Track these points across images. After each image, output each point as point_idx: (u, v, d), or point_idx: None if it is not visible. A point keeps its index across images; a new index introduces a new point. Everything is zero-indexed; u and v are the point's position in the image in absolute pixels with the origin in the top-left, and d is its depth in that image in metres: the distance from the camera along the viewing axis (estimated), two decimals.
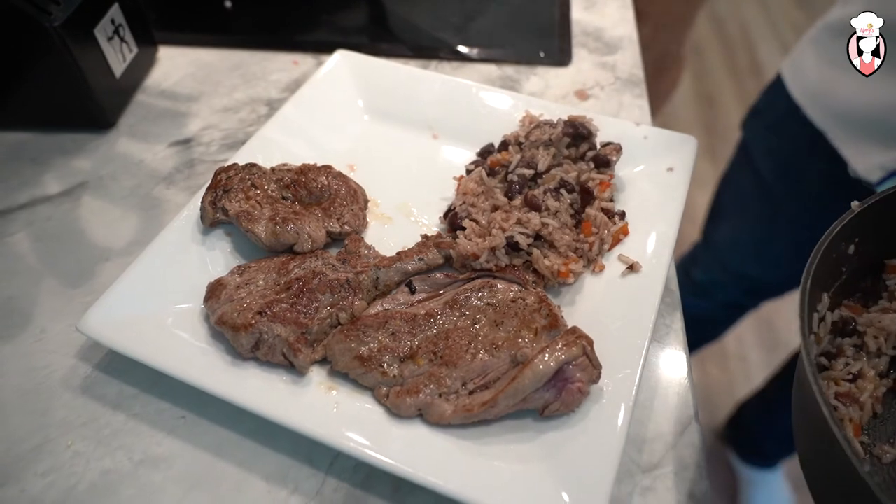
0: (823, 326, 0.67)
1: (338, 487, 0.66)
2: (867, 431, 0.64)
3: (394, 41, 1.23)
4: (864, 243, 0.67)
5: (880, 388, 0.65)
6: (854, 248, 0.67)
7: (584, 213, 0.81)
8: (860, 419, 0.63)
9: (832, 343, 0.68)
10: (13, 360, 0.75)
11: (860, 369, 0.65)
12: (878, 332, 0.67)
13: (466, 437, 0.65)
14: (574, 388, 0.64)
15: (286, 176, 0.84)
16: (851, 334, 0.68)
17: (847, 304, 0.71)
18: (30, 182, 0.94)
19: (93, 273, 0.84)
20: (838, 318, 0.68)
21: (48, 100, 0.98)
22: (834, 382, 0.65)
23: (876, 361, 0.67)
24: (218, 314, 0.70)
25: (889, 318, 0.67)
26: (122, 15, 1.02)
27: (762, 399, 1.94)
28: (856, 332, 0.68)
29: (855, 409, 0.63)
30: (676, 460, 0.68)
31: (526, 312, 0.70)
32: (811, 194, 1.23)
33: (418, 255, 0.78)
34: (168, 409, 0.71)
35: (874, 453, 0.62)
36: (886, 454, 0.61)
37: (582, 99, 1.09)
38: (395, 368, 0.68)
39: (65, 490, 0.65)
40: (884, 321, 0.67)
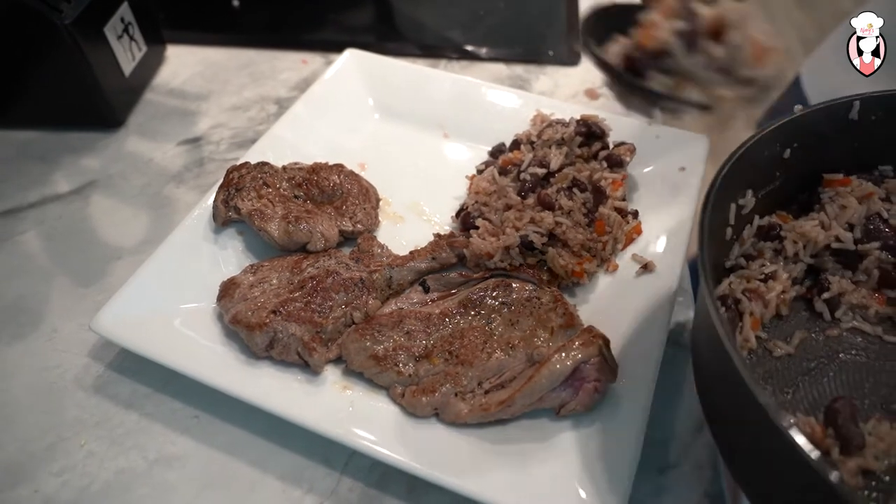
0: (749, 230, 0.68)
1: (353, 487, 0.66)
2: (767, 329, 0.65)
3: (401, 40, 1.22)
4: (802, 151, 0.67)
5: (790, 292, 0.66)
6: (791, 154, 0.67)
7: (597, 213, 0.80)
8: (762, 316, 0.64)
9: (754, 246, 0.68)
10: (26, 359, 0.75)
11: (774, 271, 0.66)
12: (798, 237, 0.68)
13: (482, 436, 0.65)
14: (590, 388, 0.64)
15: (298, 175, 0.84)
16: (774, 239, 0.68)
17: (780, 214, 0.71)
18: (39, 181, 0.94)
19: (104, 272, 0.83)
20: (765, 223, 0.69)
21: (58, 98, 0.98)
22: (746, 280, 0.65)
23: (792, 267, 0.67)
24: (232, 313, 0.70)
25: (811, 226, 0.68)
26: (132, 13, 1.02)
27: None
28: (779, 237, 0.69)
29: (759, 305, 0.64)
30: (692, 460, 0.68)
31: (541, 311, 0.70)
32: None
33: (431, 255, 0.78)
34: (181, 408, 0.71)
35: (767, 347, 0.63)
36: (778, 349, 0.63)
37: (592, 98, 1.09)
38: (410, 367, 0.67)
39: (79, 489, 0.65)
40: (806, 227, 0.68)
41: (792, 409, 0.58)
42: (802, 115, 0.65)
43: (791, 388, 0.60)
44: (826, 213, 0.69)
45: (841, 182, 0.70)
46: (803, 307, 0.67)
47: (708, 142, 0.90)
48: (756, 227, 0.68)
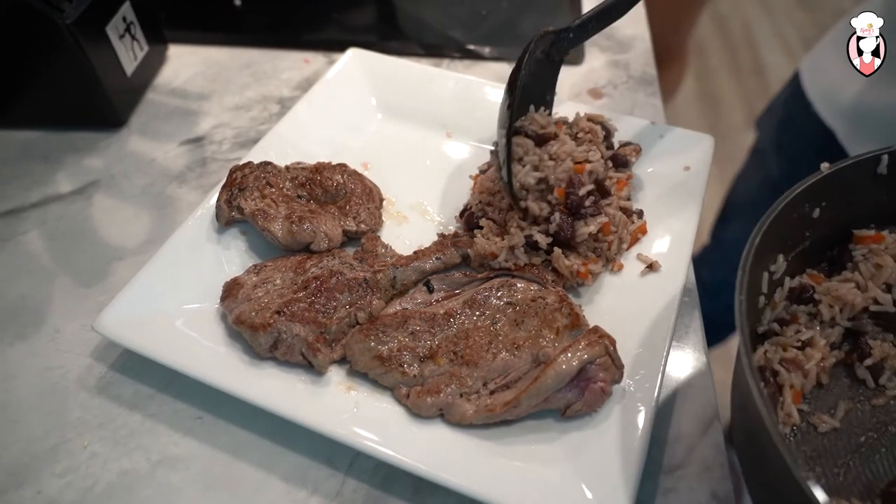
0: (780, 292, 0.65)
1: (357, 488, 0.65)
2: (809, 400, 0.63)
3: (404, 39, 1.22)
4: (832, 209, 0.65)
5: (829, 358, 0.64)
6: (820, 213, 0.65)
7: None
8: (802, 387, 0.62)
9: (787, 310, 0.66)
10: (28, 359, 0.74)
11: (811, 337, 0.64)
12: (834, 301, 0.66)
13: (488, 437, 0.65)
14: (597, 388, 0.63)
15: (301, 174, 0.84)
16: (808, 302, 0.66)
17: (810, 273, 0.69)
18: (41, 181, 0.94)
19: (106, 272, 0.83)
20: (797, 284, 0.67)
21: (60, 98, 0.97)
22: (782, 348, 0.64)
23: (829, 331, 0.65)
24: (236, 313, 0.69)
25: (847, 288, 0.66)
26: (134, 13, 1.01)
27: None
28: (812, 301, 0.66)
29: (798, 376, 0.62)
30: (699, 461, 0.68)
31: (546, 312, 0.70)
32: None
33: (436, 255, 0.77)
34: (185, 409, 0.71)
35: (811, 421, 0.61)
36: (823, 423, 0.60)
37: (596, 97, 1.09)
38: (415, 368, 0.67)
39: (82, 491, 0.65)
40: (841, 290, 0.66)
41: (845, 493, 0.55)
42: (830, 172, 0.62)
43: (842, 468, 0.57)
44: (860, 272, 0.67)
45: (873, 238, 0.68)
46: (844, 374, 0.65)
47: (713, 142, 0.90)
48: (787, 289, 0.66)
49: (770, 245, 0.59)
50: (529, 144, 0.79)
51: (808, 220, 0.65)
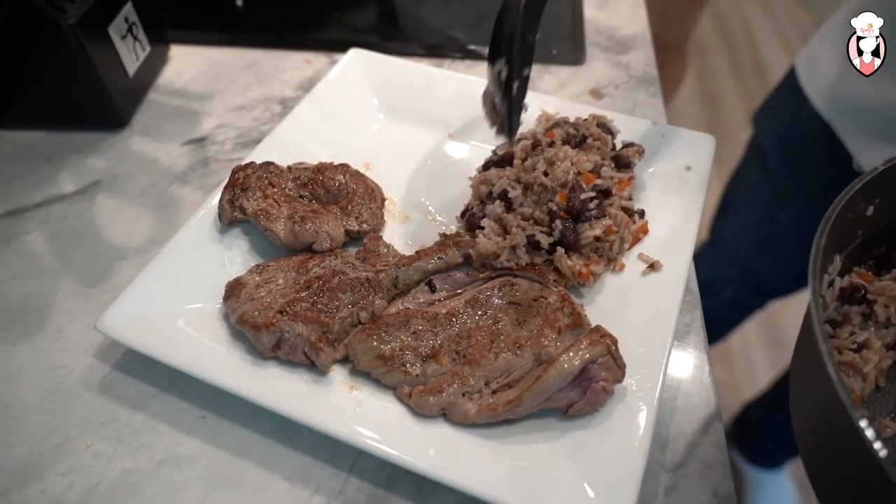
0: (831, 292, 0.64)
1: (360, 487, 0.65)
2: (867, 405, 0.61)
3: (405, 40, 1.22)
4: (884, 206, 0.64)
5: (886, 360, 0.62)
6: (873, 210, 0.63)
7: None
8: (862, 391, 0.61)
9: (838, 310, 0.65)
10: (32, 358, 0.75)
11: (866, 339, 0.62)
12: (889, 301, 0.65)
13: (490, 436, 0.65)
14: (599, 388, 0.63)
15: (303, 174, 0.84)
16: (860, 302, 0.65)
17: (858, 271, 0.68)
18: (44, 181, 0.94)
19: (109, 272, 0.83)
20: (847, 284, 0.65)
21: (62, 98, 0.98)
22: (837, 351, 0.62)
23: (884, 332, 0.64)
24: (238, 313, 0.70)
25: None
26: (136, 13, 1.01)
27: (768, 399, 1.93)
28: (865, 301, 0.65)
29: (857, 379, 0.60)
30: (700, 459, 0.68)
31: (548, 311, 0.70)
32: (816, 189, 1.23)
33: (438, 254, 0.78)
34: (188, 408, 0.71)
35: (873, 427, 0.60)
36: (886, 429, 0.59)
37: (597, 98, 1.09)
38: (417, 367, 0.67)
39: (86, 490, 0.65)
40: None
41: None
42: (884, 169, 0.60)
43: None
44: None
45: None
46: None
47: (714, 142, 0.90)
48: (839, 289, 0.65)
49: (829, 247, 0.57)
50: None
51: (863, 217, 0.63)
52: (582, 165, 0.79)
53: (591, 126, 0.85)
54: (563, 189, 0.77)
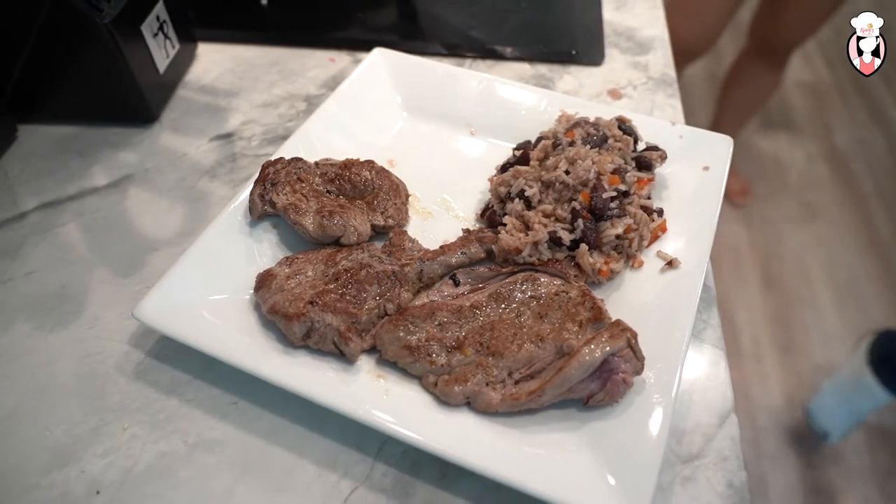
0: None
1: (386, 472, 0.68)
2: None
3: (425, 39, 1.24)
4: None
5: None
6: None
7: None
8: None
9: None
10: (70, 345, 0.77)
11: None
12: None
13: (512, 425, 0.67)
14: (619, 379, 0.65)
15: (330, 170, 0.86)
16: None
17: None
18: (78, 174, 0.97)
19: (142, 263, 0.86)
20: None
21: (95, 94, 1.01)
22: None
23: None
24: (270, 303, 0.72)
25: None
26: (166, 11, 1.04)
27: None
28: None
29: None
30: (716, 451, 0.70)
31: (569, 305, 0.72)
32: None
33: (461, 249, 0.80)
34: (220, 394, 0.73)
35: None
36: None
37: (615, 98, 1.11)
38: (442, 357, 0.70)
39: (123, 470, 0.68)
40: None
41: None
42: None
43: None
44: None
45: None
46: None
47: (731, 143, 0.91)
48: None
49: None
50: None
51: None
52: (603, 165, 0.81)
53: (612, 127, 0.87)
54: (584, 188, 0.80)
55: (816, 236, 2.78)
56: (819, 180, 3.01)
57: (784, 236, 2.79)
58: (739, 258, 2.71)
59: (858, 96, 3.39)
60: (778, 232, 2.81)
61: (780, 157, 3.09)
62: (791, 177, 3.02)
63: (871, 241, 2.76)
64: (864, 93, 3.39)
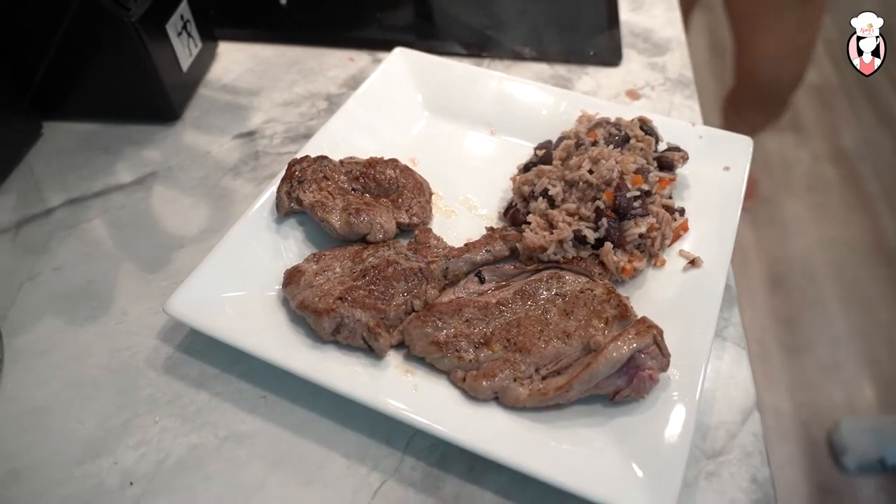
0: None
1: (415, 466, 0.69)
2: None
3: (442, 39, 1.25)
4: None
5: None
6: None
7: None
8: None
9: None
10: (99, 340, 0.79)
11: None
12: None
13: (539, 419, 0.68)
14: (645, 375, 0.66)
15: (355, 168, 0.87)
16: None
17: None
18: (103, 171, 0.98)
19: (168, 259, 0.87)
20: None
21: (120, 92, 1.02)
22: None
23: None
24: (299, 299, 0.73)
25: None
26: (189, 11, 1.05)
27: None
28: None
29: None
30: (739, 447, 0.71)
31: (595, 303, 0.73)
32: None
33: (486, 247, 0.81)
34: (249, 388, 0.74)
35: None
36: None
37: (634, 99, 1.12)
38: (470, 353, 0.71)
39: (155, 462, 0.69)
40: None
41: None
42: None
43: None
44: None
45: None
46: None
47: (752, 143, 0.92)
48: None
49: None
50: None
51: None
52: (626, 165, 0.82)
53: (634, 128, 0.88)
54: (607, 187, 0.81)
55: (823, 237, 2.79)
56: (825, 181, 3.02)
57: (790, 237, 2.80)
58: (746, 259, 2.72)
59: (865, 97, 3.39)
60: (784, 233, 2.82)
61: (787, 158, 3.09)
62: (797, 177, 3.03)
63: (878, 242, 2.77)
64: (871, 94, 3.39)
